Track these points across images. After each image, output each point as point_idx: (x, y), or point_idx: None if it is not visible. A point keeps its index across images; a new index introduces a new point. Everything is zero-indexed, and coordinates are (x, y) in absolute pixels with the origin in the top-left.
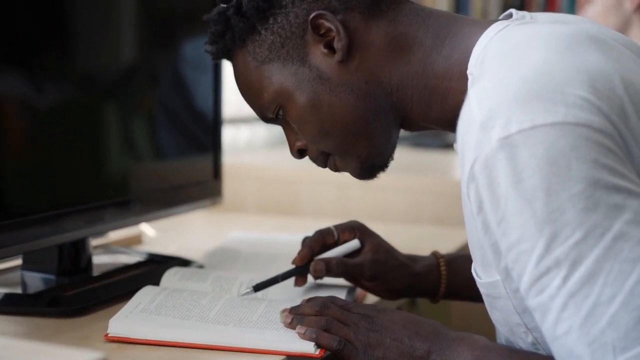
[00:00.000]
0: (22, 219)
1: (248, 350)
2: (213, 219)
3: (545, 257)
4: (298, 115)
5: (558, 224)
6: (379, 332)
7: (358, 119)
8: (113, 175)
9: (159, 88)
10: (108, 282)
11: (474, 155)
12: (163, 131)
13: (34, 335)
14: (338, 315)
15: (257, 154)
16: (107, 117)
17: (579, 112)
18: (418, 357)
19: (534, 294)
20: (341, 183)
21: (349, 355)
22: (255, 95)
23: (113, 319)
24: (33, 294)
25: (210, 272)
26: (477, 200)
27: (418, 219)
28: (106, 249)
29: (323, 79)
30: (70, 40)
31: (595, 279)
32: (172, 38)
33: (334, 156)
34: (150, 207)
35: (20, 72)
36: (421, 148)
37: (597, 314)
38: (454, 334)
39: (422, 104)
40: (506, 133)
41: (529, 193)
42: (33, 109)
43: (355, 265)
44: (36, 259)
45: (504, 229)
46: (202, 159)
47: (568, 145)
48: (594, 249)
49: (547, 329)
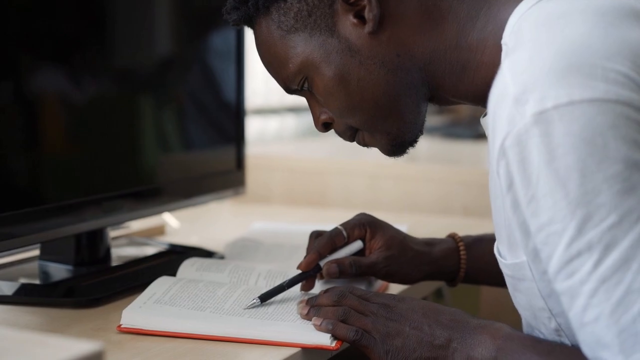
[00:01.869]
0: (39, 208)
1: (263, 342)
2: (239, 210)
3: (576, 240)
4: (325, 88)
5: (592, 206)
6: (398, 321)
7: (388, 93)
8: (137, 166)
9: (187, 80)
10: (125, 272)
11: (505, 130)
12: (188, 122)
13: (48, 326)
14: (356, 305)
15: (286, 145)
16: (135, 110)
17: (619, 89)
18: (438, 346)
19: (563, 277)
20: (371, 174)
21: (367, 346)
22: (279, 65)
23: (126, 310)
24: (49, 285)
25: (229, 263)
26: (508, 177)
27: (448, 209)
28: (128, 239)
29: (352, 51)
30: (107, 37)
31: (629, 265)
32: (201, 30)
33: (362, 131)
34: (172, 197)
35: (60, 68)
36: (452, 139)
37: (629, 302)
38: (476, 322)
39: (453, 79)
40: (541, 108)
41: (563, 173)
42: (68, 101)
43: (370, 265)
44: (54, 249)
45: (534, 208)
46: (225, 149)
47: (606, 123)
48: (629, 233)
49: (574, 314)
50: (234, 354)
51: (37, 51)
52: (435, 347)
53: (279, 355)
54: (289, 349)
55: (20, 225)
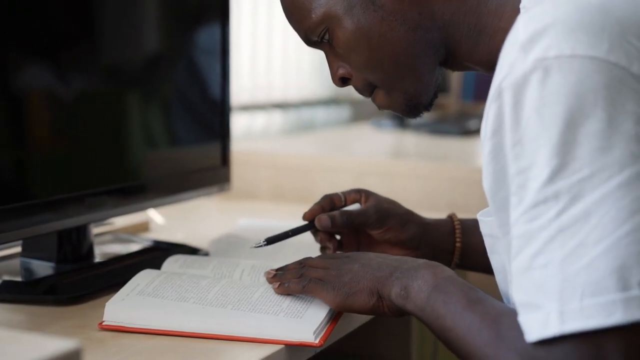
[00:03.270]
0: (21, 204)
1: (246, 340)
2: (224, 207)
3: (546, 187)
4: (346, 42)
5: (568, 157)
6: (350, 262)
7: (408, 51)
8: (122, 162)
9: (173, 76)
10: (108, 269)
11: (505, 72)
12: (173, 118)
13: (29, 323)
14: (316, 263)
15: (272, 141)
16: (120, 106)
17: (621, 55)
18: (380, 277)
19: (525, 220)
20: (357, 170)
21: (316, 290)
22: (302, 16)
23: (109, 303)
24: (30, 282)
25: (213, 259)
26: (497, 120)
27: (435, 206)
28: (112, 236)
29: (376, 6)
30: (94, 33)
31: (588, 219)
32: (187, 27)
33: (380, 89)
34: (157, 193)
35: (45, 64)
36: (439, 135)
37: (579, 255)
38: (424, 262)
39: (470, 42)
40: (543, 55)
41: (549, 120)
42: (55, 98)
43: (360, 213)
44: (36, 246)
45: (519, 151)
46: (210, 145)
47: (601, 82)
48: (596, 189)
49: (523, 258)
50: (217, 352)
51: (23, 47)
52: (377, 277)
53: (261, 353)
54: (272, 347)
55: (2, 221)
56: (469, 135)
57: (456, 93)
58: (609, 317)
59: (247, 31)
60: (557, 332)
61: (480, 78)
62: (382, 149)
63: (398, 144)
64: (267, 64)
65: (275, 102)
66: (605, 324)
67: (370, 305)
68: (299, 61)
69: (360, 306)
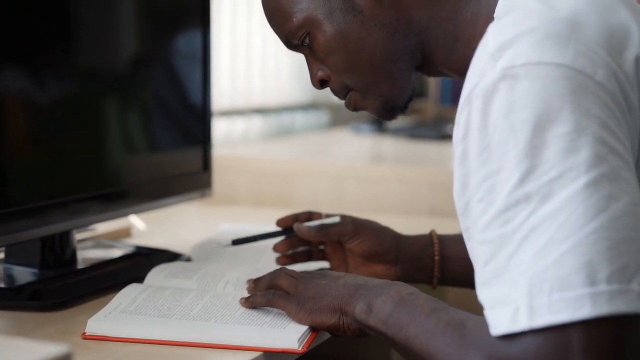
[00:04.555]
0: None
1: (229, 347)
2: (205, 212)
3: (517, 189)
4: (325, 45)
5: (537, 160)
6: (320, 278)
7: (385, 55)
8: (102, 168)
9: (153, 81)
10: (92, 275)
11: (475, 80)
12: (154, 123)
13: (13, 329)
14: (290, 272)
15: (252, 146)
16: (101, 111)
17: (586, 63)
18: (344, 294)
19: (498, 224)
20: (336, 175)
21: (281, 302)
22: (283, 19)
23: (91, 320)
24: (14, 288)
25: (198, 269)
26: (466, 125)
27: (414, 210)
28: (94, 242)
29: (355, 11)
30: (72, 36)
31: (556, 217)
32: (166, 32)
33: (356, 92)
34: (139, 198)
35: (21, 68)
36: (417, 139)
37: (547, 251)
38: (388, 281)
39: (445, 49)
40: (511, 64)
41: (518, 125)
42: (27, 103)
43: (336, 225)
44: (19, 252)
45: (486, 157)
46: (191, 151)
47: (567, 87)
48: (564, 189)
49: (498, 261)
50: (199, 357)
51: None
52: (341, 295)
53: (244, 358)
54: (254, 353)
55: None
56: (446, 140)
57: (434, 97)
58: (577, 311)
59: (226, 36)
60: (526, 327)
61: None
62: (361, 153)
63: (377, 148)
64: (246, 69)
65: (254, 107)
66: (573, 318)
67: (332, 322)
68: (278, 66)
69: (322, 322)
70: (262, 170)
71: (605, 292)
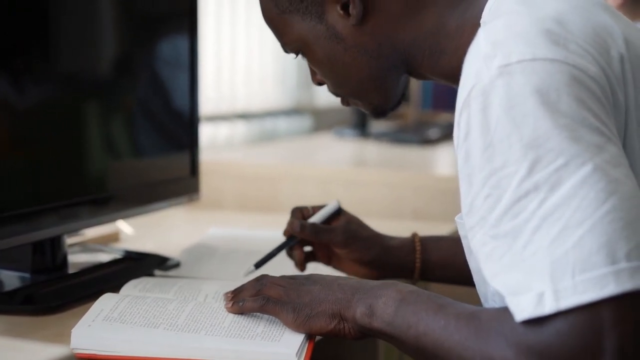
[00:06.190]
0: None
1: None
2: (192, 216)
3: (526, 181)
4: (316, 64)
5: (542, 150)
6: (310, 285)
7: (371, 76)
8: (89, 173)
9: (138, 87)
10: (83, 279)
11: (473, 82)
12: (140, 129)
13: (7, 333)
14: (275, 280)
15: (237, 151)
16: (84, 116)
17: (578, 58)
18: (342, 299)
19: (509, 218)
20: (321, 179)
21: (275, 309)
22: (277, 34)
23: (75, 329)
24: (7, 292)
25: (173, 284)
26: (467, 126)
27: (399, 214)
28: (83, 247)
29: (338, 39)
30: (51, 41)
31: (569, 203)
32: (151, 37)
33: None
34: (127, 204)
35: (3, 73)
36: (401, 144)
37: (565, 236)
38: (383, 282)
39: (432, 60)
40: (506, 61)
41: (519, 118)
42: (11, 107)
43: (328, 229)
44: (10, 257)
45: (490, 154)
46: (179, 156)
47: (562, 81)
48: (573, 175)
49: (514, 253)
50: None
51: None
52: (339, 299)
53: None
54: None
55: None
56: (428, 144)
57: (415, 102)
58: (603, 290)
59: (211, 42)
60: (553, 309)
61: (438, 87)
62: (344, 157)
63: (360, 152)
64: (230, 75)
65: (238, 112)
66: (599, 296)
67: (331, 327)
68: (262, 72)
69: (320, 328)
70: (248, 175)
71: (627, 269)
